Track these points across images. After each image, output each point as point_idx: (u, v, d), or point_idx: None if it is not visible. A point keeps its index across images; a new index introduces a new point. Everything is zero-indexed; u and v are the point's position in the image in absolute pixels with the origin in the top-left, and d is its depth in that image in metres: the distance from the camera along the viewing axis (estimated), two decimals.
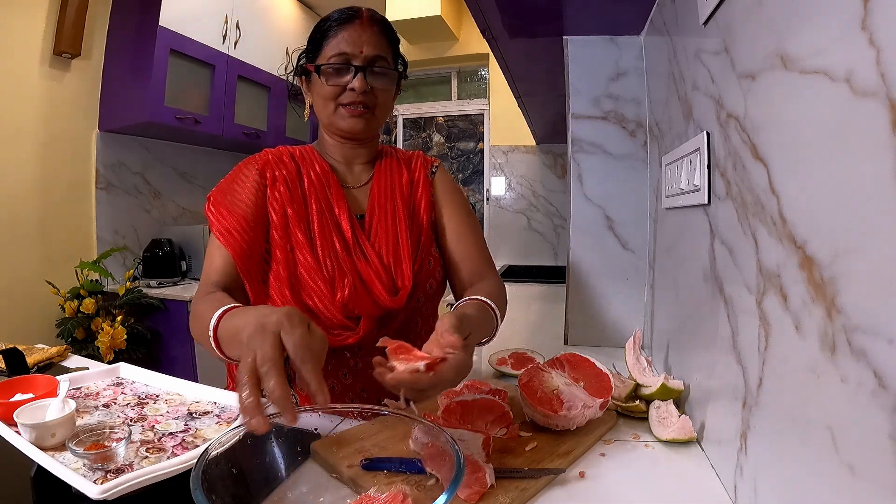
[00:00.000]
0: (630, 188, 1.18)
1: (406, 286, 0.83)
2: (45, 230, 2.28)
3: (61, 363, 1.02)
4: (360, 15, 0.84)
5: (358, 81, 0.82)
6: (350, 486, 0.55)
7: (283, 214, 0.83)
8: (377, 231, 0.87)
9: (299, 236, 0.82)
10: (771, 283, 0.47)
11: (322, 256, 0.81)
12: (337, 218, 0.85)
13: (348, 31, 0.82)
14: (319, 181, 0.87)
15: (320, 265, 0.81)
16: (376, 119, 0.87)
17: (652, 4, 1.03)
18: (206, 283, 0.80)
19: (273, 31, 3.02)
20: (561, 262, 3.27)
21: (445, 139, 3.87)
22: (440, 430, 0.52)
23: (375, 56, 0.83)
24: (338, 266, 0.81)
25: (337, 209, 0.85)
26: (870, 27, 0.33)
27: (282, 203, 0.84)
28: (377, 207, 0.88)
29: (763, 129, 0.50)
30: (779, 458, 0.46)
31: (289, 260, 0.81)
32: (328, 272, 0.81)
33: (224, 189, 0.85)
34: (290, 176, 0.86)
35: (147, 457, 0.58)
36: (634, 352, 0.86)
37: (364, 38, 0.82)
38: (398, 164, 0.94)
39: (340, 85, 0.83)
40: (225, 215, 0.82)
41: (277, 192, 0.84)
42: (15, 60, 2.13)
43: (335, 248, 0.82)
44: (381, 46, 0.84)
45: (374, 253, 0.84)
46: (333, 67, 0.83)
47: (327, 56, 0.83)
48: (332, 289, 0.80)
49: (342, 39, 0.82)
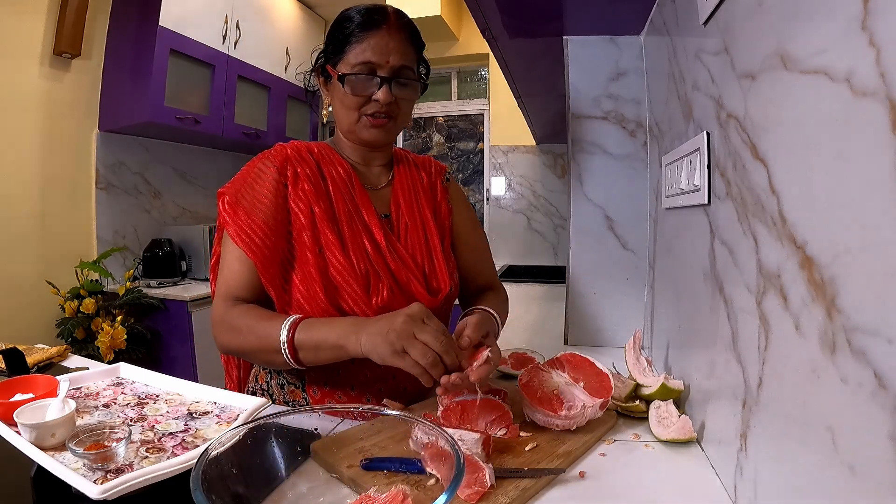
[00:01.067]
0: (630, 188, 1.18)
1: (443, 288, 0.85)
2: (45, 230, 2.28)
3: (61, 363, 1.02)
4: (387, 19, 0.79)
5: (383, 93, 0.78)
6: (350, 486, 0.55)
7: (310, 213, 0.80)
8: (407, 232, 0.86)
9: (329, 236, 0.79)
10: (771, 283, 0.47)
11: (354, 258, 0.79)
12: (366, 220, 0.83)
13: (375, 38, 0.78)
14: (343, 182, 0.84)
15: (353, 267, 0.78)
16: (397, 127, 0.85)
17: (652, 4, 1.03)
18: (228, 297, 0.78)
19: (273, 31, 3.02)
20: (561, 262, 3.27)
21: (445, 139, 3.87)
22: (440, 430, 0.52)
23: (402, 66, 0.79)
24: (371, 268, 0.79)
25: (364, 211, 0.83)
26: (870, 27, 0.33)
27: (307, 201, 0.80)
28: (403, 207, 0.88)
29: (763, 129, 0.50)
30: (779, 458, 0.46)
31: (319, 261, 0.78)
32: (362, 274, 0.79)
33: (240, 187, 0.80)
34: (312, 173, 0.82)
35: (147, 457, 0.58)
36: (634, 352, 0.86)
37: (391, 46, 0.78)
38: (416, 168, 0.95)
39: (365, 95, 0.79)
40: (244, 218, 0.78)
41: (301, 190, 0.80)
42: (15, 60, 2.13)
43: (366, 250, 0.80)
44: (407, 56, 0.80)
45: (407, 255, 0.84)
46: (358, 77, 0.78)
47: (351, 64, 0.78)
48: (366, 291, 0.78)
49: (368, 47, 0.78)
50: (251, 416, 0.66)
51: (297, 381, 0.86)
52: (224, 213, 0.79)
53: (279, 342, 0.71)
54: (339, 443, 0.60)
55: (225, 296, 0.79)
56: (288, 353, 0.71)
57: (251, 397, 0.72)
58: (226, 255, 0.80)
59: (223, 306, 0.78)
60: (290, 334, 0.70)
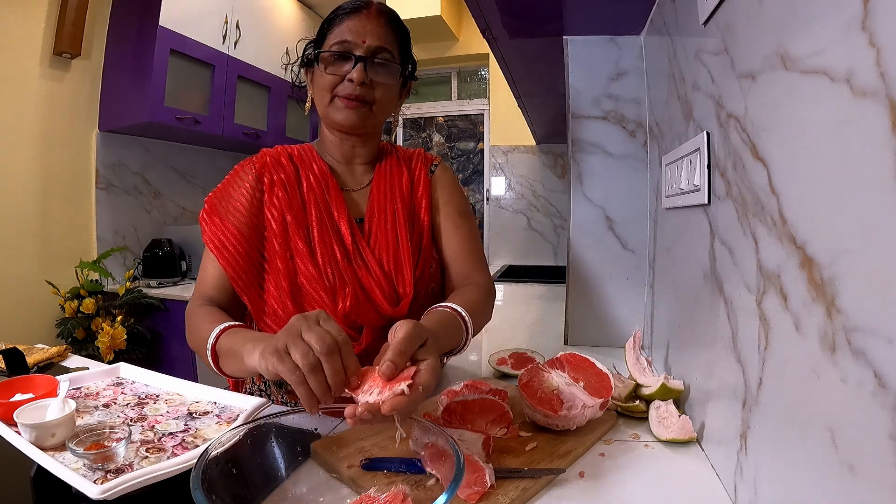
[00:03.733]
0: (630, 188, 1.18)
1: (408, 294, 0.81)
2: (45, 230, 2.28)
3: (61, 363, 1.02)
4: (368, 6, 0.81)
5: (357, 72, 0.78)
6: (350, 486, 0.55)
7: (283, 221, 0.81)
8: (377, 236, 0.84)
9: (299, 244, 0.80)
10: (771, 282, 0.47)
11: (322, 265, 0.79)
12: (336, 223, 0.83)
13: (353, 20, 0.80)
14: (318, 184, 0.84)
15: (321, 274, 0.79)
16: (374, 116, 0.83)
17: (652, 4, 1.03)
18: (199, 296, 0.80)
19: (273, 31, 3.02)
20: (561, 262, 3.27)
21: (445, 139, 3.87)
22: (440, 430, 0.52)
23: (378, 47, 0.80)
24: (339, 275, 0.79)
25: (336, 213, 0.83)
26: (870, 27, 0.33)
27: (280, 209, 0.81)
28: (377, 211, 0.86)
29: (763, 129, 0.50)
30: (779, 458, 0.46)
31: (289, 269, 0.79)
32: (329, 281, 0.79)
33: (220, 194, 0.83)
34: (288, 179, 0.83)
35: (147, 457, 0.58)
36: (634, 352, 0.86)
37: (368, 27, 0.80)
38: (398, 164, 0.92)
39: (339, 74, 0.80)
40: (218, 224, 0.80)
41: (276, 196, 0.82)
42: (15, 60, 2.13)
43: (335, 256, 0.80)
44: (385, 38, 0.81)
45: (374, 260, 0.82)
46: (334, 55, 0.80)
47: (329, 44, 0.81)
48: (333, 299, 0.78)
49: (346, 28, 0.80)
50: (251, 416, 0.66)
51: None
52: (201, 220, 0.82)
53: (207, 347, 0.69)
54: (339, 443, 0.60)
55: (197, 296, 0.81)
56: (211, 358, 0.68)
57: (251, 397, 0.72)
58: (204, 259, 0.83)
59: (191, 305, 0.80)
60: (215, 340, 0.68)
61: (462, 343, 0.72)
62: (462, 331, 0.71)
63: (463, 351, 0.74)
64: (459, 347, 0.72)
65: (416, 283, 0.83)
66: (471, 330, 0.72)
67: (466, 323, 0.71)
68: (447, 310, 0.71)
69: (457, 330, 0.70)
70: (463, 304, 0.73)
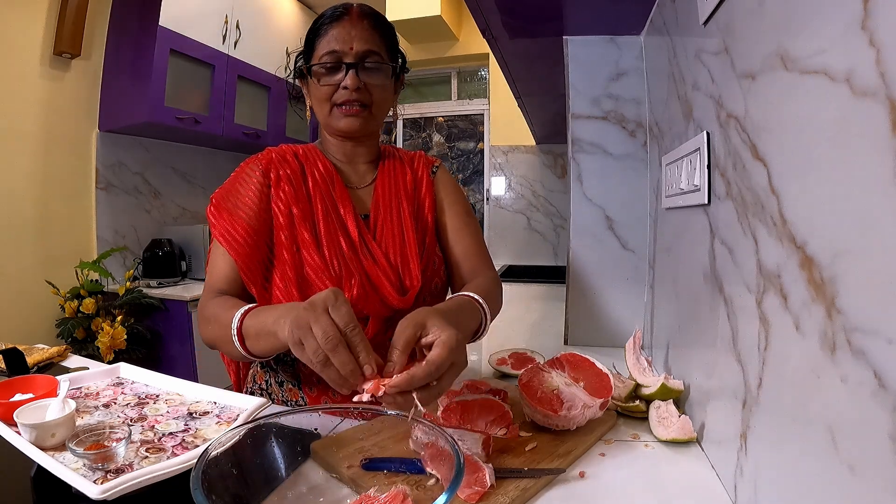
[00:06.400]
0: (630, 188, 1.18)
1: (415, 286, 0.83)
2: (44, 230, 2.28)
3: (61, 363, 1.02)
4: (349, 11, 0.82)
5: (350, 79, 0.80)
6: (350, 486, 0.55)
7: (289, 214, 0.82)
8: (383, 231, 0.86)
9: (305, 235, 0.81)
10: (771, 283, 0.47)
11: (329, 256, 0.80)
12: (342, 218, 0.84)
13: (338, 28, 0.81)
14: (324, 181, 0.86)
15: (327, 265, 0.80)
16: (374, 117, 0.85)
17: (652, 4, 1.03)
18: (211, 291, 0.80)
19: (273, 31, 3.02)
20: (561, 262, 3.27)
21: (445, 139, 3.88)
22: (440, 430, 0.52)
23: (367, 51, 0.81)
24: (345, 266, 0.80)
25: (342, 209, 0.84)
26: (870, 27, 0.33)
27: (286, 202, 0.83)
28: (382, 207, 0.88)
29: (763, 129, 0.50)
30: (779, 458, 0.46)
31: (295, 260, 0.80)
32: (335, 272, 0.80)
33: (227, 190, 0.84)
34: (293, 174, 0.85)
35: (147, 457, 0.58)
36: (634, 352, 0.86)
37: (354, 33, 0.80)
38: (401, 164, 0.94)
39: (333, 84, 0.81)
40: (227, 219, 0.81)
41: (282, 190, 0.83)
42: (15, 60, 2.13)
43: (341, 248, 0.82)
44: (372, 41, 0.82)
45: (381, 253, 0.84)
46: (325, 67, 0.81)
47: (319, 56, 0.82)
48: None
49: (332, 38, 0.81)
50: (251, 416, 0.66)
51: (293, 378, 0.86)
52: (210, 216, 0.83)
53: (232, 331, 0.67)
54: (339, 443, 0.60)
55: (209, 290, 0.81)
56: (238, 341, 0.67)
57: (251, 397, 0.72)
58: (212, 255, 0.83)
59: (204, 299, 0.80)
60: (240, 321, 0.67)
61: (482, 326, 0.74)
62: (479, 313, 0.73)
63: (483, 335, 0.76)
64: (481, 331, 0.74)
65: (422, 275, 0.85)
66: (488, 313, 0.74)
67: (482, 306, 0.73)
68: (462, 297, 0.73)
69: (474, 311, 0.72)
70: (476, 291, 0.75)
